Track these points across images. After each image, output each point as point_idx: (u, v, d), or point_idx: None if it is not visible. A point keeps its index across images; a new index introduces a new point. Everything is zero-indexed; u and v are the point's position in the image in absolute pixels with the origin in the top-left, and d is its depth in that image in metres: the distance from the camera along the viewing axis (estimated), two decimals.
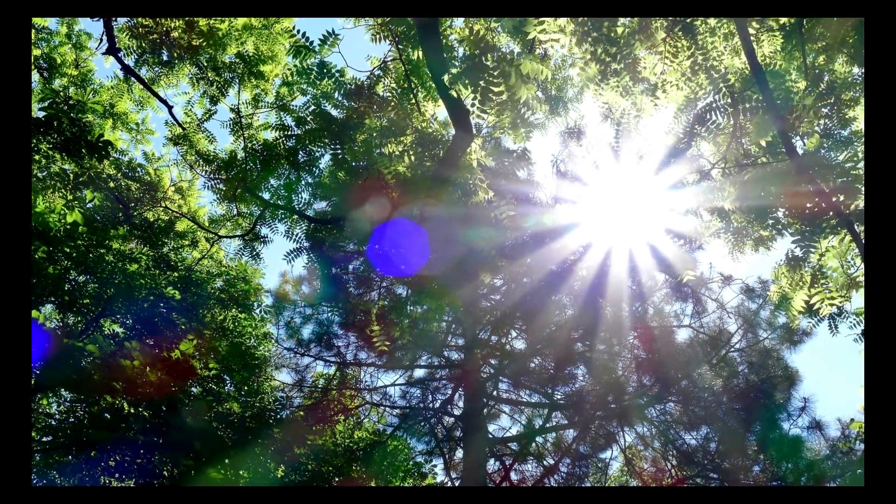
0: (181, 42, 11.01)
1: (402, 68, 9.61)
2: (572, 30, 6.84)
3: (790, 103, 7.45)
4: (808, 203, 6.82)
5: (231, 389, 11.85)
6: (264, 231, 13.46)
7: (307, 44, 8.81)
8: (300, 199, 11.56)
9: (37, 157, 8.83)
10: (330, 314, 14.05)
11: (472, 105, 6.37)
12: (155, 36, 11.17)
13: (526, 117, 6.92)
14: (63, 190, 9.59)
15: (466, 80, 6.21)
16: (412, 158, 9.03)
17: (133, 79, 12.73)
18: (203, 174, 12.37)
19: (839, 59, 8.53)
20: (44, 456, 8.99)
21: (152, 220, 14.86)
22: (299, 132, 10.88)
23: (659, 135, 8.69)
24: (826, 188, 6.60)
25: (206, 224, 15.23)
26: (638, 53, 7.47)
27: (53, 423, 10.12)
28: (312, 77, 9.44)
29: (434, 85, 8.85)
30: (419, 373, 14.69)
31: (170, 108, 12.64)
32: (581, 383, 13.30)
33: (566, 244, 11.53)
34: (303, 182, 11.27)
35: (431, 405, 13.99)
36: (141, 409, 10.16)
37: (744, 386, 12.59)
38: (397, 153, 8.98)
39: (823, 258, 7.74)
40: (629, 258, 11.93)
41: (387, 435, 13.60)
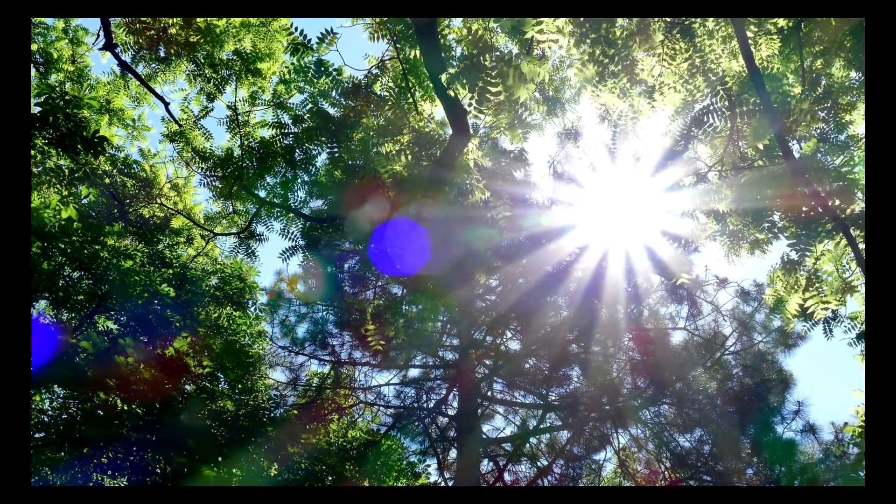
0: (178, 38, 10.98)
1: (400, 67, 9.59)
2: (570, 31, 6.84)
3: (787, 107, 7.46)
4: (805, 207, 6.82)
5: (225, 387, 11.82)
6: (260, 229, 13.46)
7: (305, 42, 8.81)
8: (296, 198, 11.57)
9: (32, 153, 8.80)
10: (325, 313, 14.02)
11: (470, 105, 6.36)
12: (152, 32, 11.13)
13: (523, 118, 6.91)
14: (58, 186, 9.55)
15: (464, 80, 6.19)
16: (409, 158, 9.01)
17: (130, 75, 12.70)
18: (199, 171, 12.36)
19: (836, 63, 8.54)
20: (36, 452, 8.96)
21: (148, 217, 14.83)
22: (296, 130, 10.87)
23: (656, 137, 8.70)
24: (822, 192, 6.61)
25: (202, 221, 15.19)
26: (636, 55, 7.47)
27: (46, 420, 10.08)
28: (310, 75, 9.43)
29: (432, 84, 8.84)
30: (414, 372, 14.67)
31: (166, 105, 12.61)
32: (576, 385, 13.28)
33: (562, 245, 11.52)
34: (299, 180, 11.27)
35: (426, 405, 13.97)
36: (134, 407, 10.13)
37: (738, 389, 12.58)
38: (394, 152, 8.96)
39: (819, 262, 7.75)
40: (625, 260, 11.92)
41: (381, 434, 13.58)
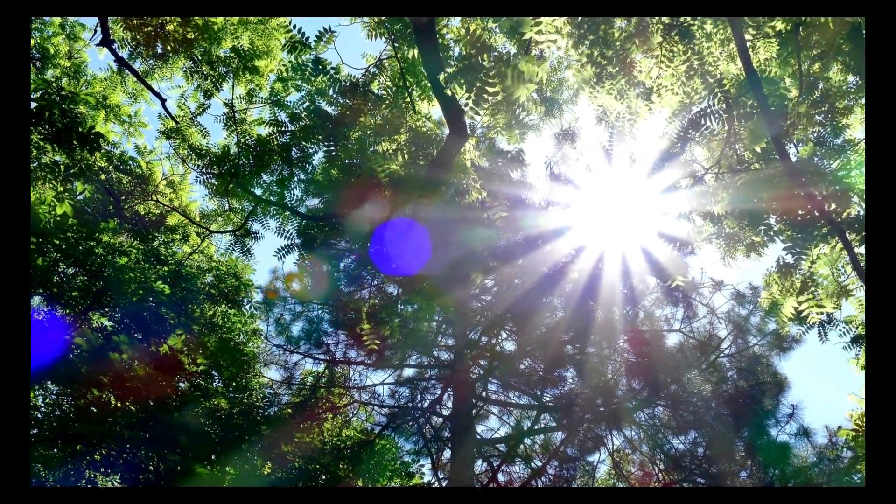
0: (176, 35, 10.95)
1: (398, 66, 9.57)
2: (569, 31, 6.83)
3: (784, 110, 7.46)
4: (801, 210, 6.83)
5: (219, 386, 11.80)
6: (256, 227, 13.43)
7: (303, 39, 8.78)
8: (292, 196, 11.53)
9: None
10: (320, 312, 13.99)
11: (466, 105, 6.34)
12: (150, 29, 11.10)
13: (521, 118, 6.90)
14: (53, 181, 9.51)
15: (462, 80, 6.17)
16: (406, 157, 8.99)
17: (126, 71, 12.66)
18: (195, 168, 12.32)
19: (834, 67, 8.55)
20: (29, 449, 8.92)
21: (143, 214, 14.79)
22: (293, 128, 10.84)
23: (653, 139, 8.69)
24: (818, 195, 6.61)
25: (198, 219, 15.15)
26: (634, 57, 7.46)
27: (39, 416, 10.05)
28: (307, 73, 9.40)
29: (429, 84, 8.82)
30: (408, 372, 14.65)
31: (163, 102, 12.59)
32: (570, 386, 13.28)
33: (559, 247, 11.51)
34: (295, 178, 11.23)
35: (420, 405, 13.95)
36: (128, 404, 10.10)
37: (733, 391, 12.59)
38: (391, 152, 8.94)
39: (814, 265, 7.75)
40: (621, 262, 11.92)
41: (375, 434, 13.55)
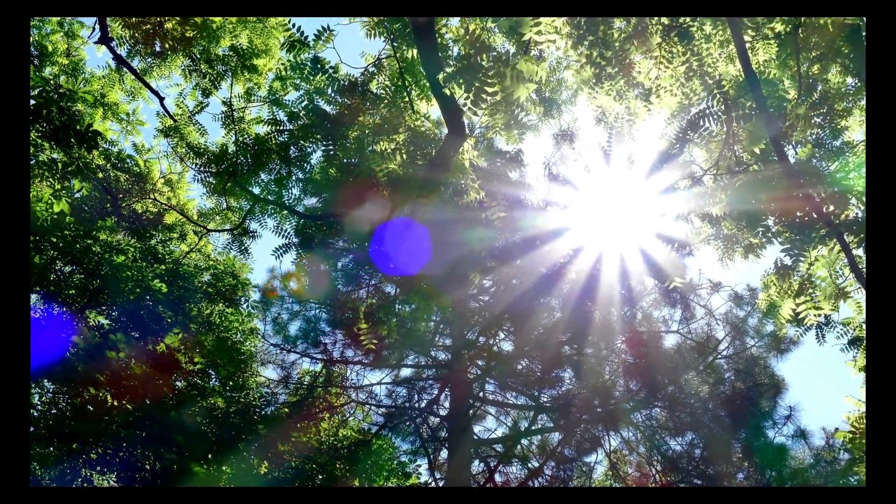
0: (174, 33, 10.93)
1: (397, 66, 9.55)
2: (568, 32, 6.82)
3: (783, 112, 7.46)
4: (799, 212, 6.82)
5: (216, 384, 11.78)
6: (253, 226, 13.40)
7: (302, 38, 8.76)
8: (290, 195, 11.51)
9: None
10: (318, 311, 13.97)
11: (465, 105, 6.33)
12: (148, 27, 11.08)
13: (519, 119, 6.89)
14: (51, 179, 9.49)
15: (460, 80, 6.16)
16: (404, 157, 8.98)
17: (125, 69, 12.63)
18: (193, 167, 12.28)
19: (833, 69, 8.55)
20: None
21: (141, 212, 14.76)
22: (291, 127, 10.81)
23: (652, 140, 8.69)
24: (817, 197, 6.61)
25: (195, 217, 15.13)
26: (633, 58, 7.45)
27: (35, 414, 10.02)
28: (306, 72, 9.38)
29: (428, 83, 8.80)
30: (406, 372, 14.64)
31: (161, 100, 12.55)
32: (568, 386, 13.27)
33: (557, 247, 11.51)
34: (293, 177, 11.21)
35: (417, 405, 13.94)
36: (125, 403, 10.08)
37: (730, 393, 12.59)
38: (389, 151, 8.92)
39: (812, 267, 7.75)
40: (619, 262, 11.92)
41: (372, 434, 13.54)
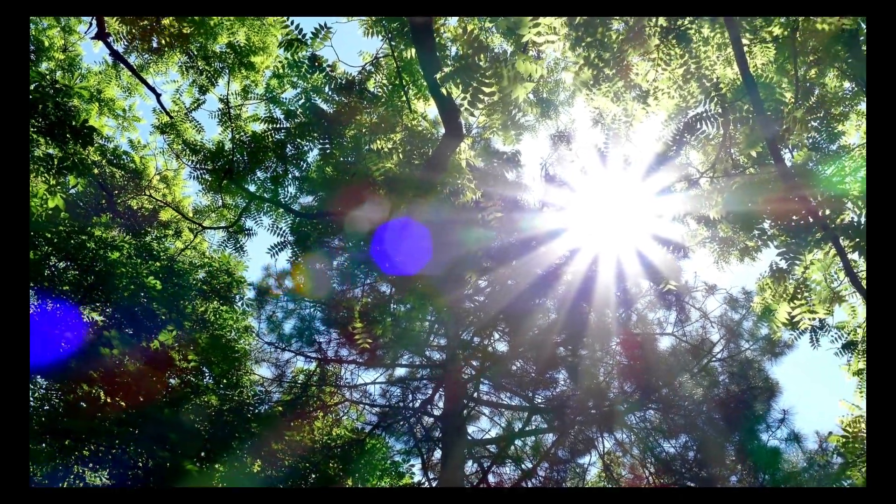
0: (171, 30, 10.89)
1: (394, 64, 9.54)
2: (566, 33, 6.81)
3: (780, 115, 7.46)
4: (795, 215, 6.82)
5: (210, 382, 11.75)
6: (249, 224, 13.38)
7: (299, 36, 8.73)
8: (286, 193, 11.47)
9: None
10: (312, 310, 13.95)
11: (462, 105, 6.31)
12: (145, 22, 11.04)
13: (517, 119, 6.89)
14: (46, 174, 9.45)
15: (458, 80, 6.15)
16: (401, 156, 8.96)
17: (121, 65, 12.59)
18: (189, 164, 12.23)
19: (830, 73, 8.56)
20: None
21: (136, 209, 14.72)
22: (288, 125, 10.78)
23: (649, 142, 8.69)
24: (813, 201, 6.61)
25: (191, 214, 15.10)
26: (631, 59, 7.45)
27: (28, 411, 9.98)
28: (303, 70, 9.36)
29: (425, 83, 8.79)
30: (400, 372, 14.62)
31: (158, 96, 12.52)
32: (562, 388, 13.26)
33: (553, 248, 11.50)
34: (290, 176, 11.17)
35: (411, 405, 13.92)
36: (118, 400, 10.05)
37: (724, 396, 12.59)
38: (386, 150, 8.91)
39: (808, 271, 7.76)
40: (615, 264, 11.91)
41: (365, 433, 13.52)
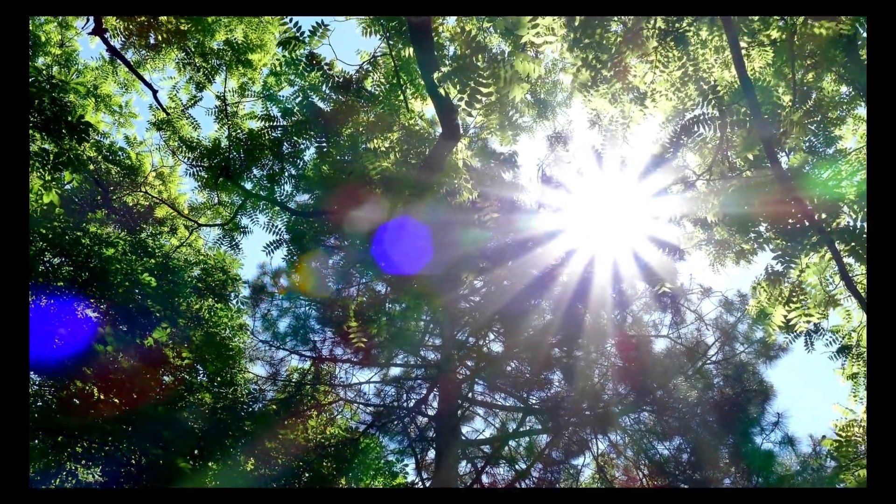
0: (169, 26, 10.86)
1: (392, 63, 9.52)
2: (564, 34, 6.80)
3: (777, 118, 7.47)
4: (791, 219, 6.82)
5: (204, 380, 11.72)
6: (245, 221, 13.35)
7: (297, 34, 8.72)
8: (282, 191, 11.44)
9: None
10: (307, 308, 13.92)
11: (459, 105, 6.30)
12: (143, 18, 11.00)
13: (514, 120, 6.88)
14: (41, 170, 9.41)
15: (456, 80, 6.14)
16: (398, 155, 8.95)
17: (118, 61, 12.55)
18: (185, 161, 12.21)
19: (827, 78, 8.57)
20: None
21: (131, 205, 14.68)
22: (285, 123, 10.76)
23: (646, 143, 8.69)
24: (809, 204, 6.61)
25: (186, 211, 15.05)
26: (629, 61, 7.45)
27: None
28: (301, 68, 9.35)
29: (423, 82, 8.78)
30: (395, 371, 14.61)
31: (154, 93, 12.46)
32: (557, 389, 13.27)
33: (549, 250, 11.49)
34: (286, 174, 11.15)
35: (405, 404, 13.90)
36: (111, 396, 10.02)
37: (718, 398, 12.60)
38: (383, 149, 8.90)
39: (803, 274, 7.77)
40: (611, 266, 11.91)
41: (359, 433, 13.51)
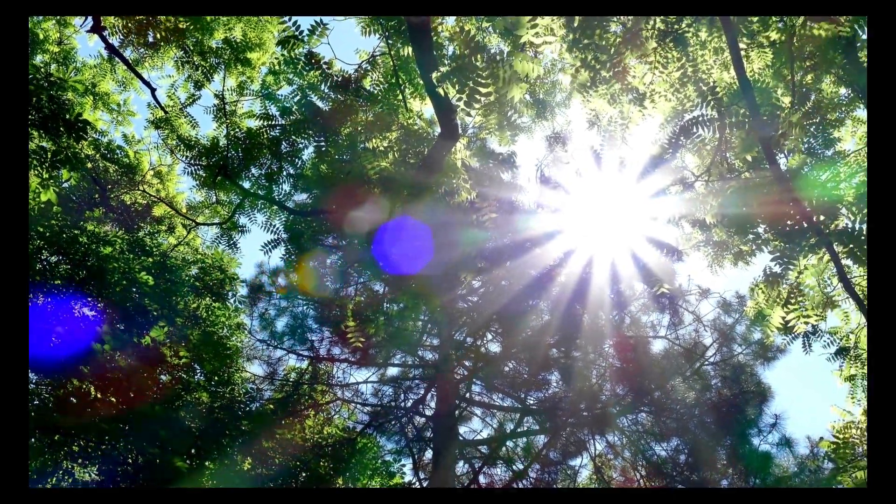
0: (167, 24, 10.84)
1: (391, 63, 9.51)
2: (563, 35, 6.79)
3: (776, 119, 7.46)
4: (789, 220, 6.81)
5: (201, 379, 11.70)
6: (243, 220, 13.32)
7: (296, 33, 8.70)
8: (280, 190, 11.42)
9: None
10: (305, 308, 13.91)
11: (458, 105, 6.29)
12: (141, 17, 10.98)
13: (512, 120, 6.87)
14: (39, 168, 9.39)
15: (454, 80, 6.13)
16: (396, 155, 8.94)
17: (116, 59, 12.52)
18: (183, 159, 12.18)
19: (826, 79, 8.57)
20: None
21: (129, 204, 14.65)
22: (283, 122, 10.74)
23: (644, 144, 8.68)
24: (807, 206, 6.60)
25: (184, 210, 15.02)
26: (628, 62, 7.44)
27: None
28: (300, 67, 9.33)
29: (422, 82, 8.77)
30: (392, 371, 14.61)
31: (153, 91, 12.44)
32: (555, 389, 13.26)
33: (547, 250, 11.49)
34: (284, 173, 11.13)
35: (403, 404, 13.89)
36: (108, 395, 10.00)
37: (716, 399, 12.61)
38: (381, 149, 8.88)
39: (801, 276, 7.76)
40: (609, 266, 11.91)
41: (357, 432, 13.49)
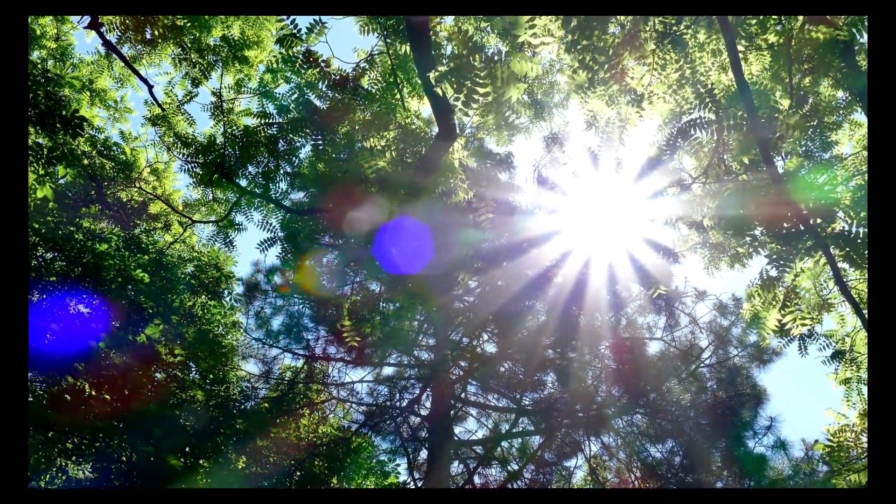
0: (165, 21, 10.81)
1: (389, 62, 9.50)
2: (561, 36, 6.79)
3: (774, 122, 7.46)
4: (786, 223, 6.82)
5: (196, 377, 11.68)
6: (239, 218, 13.31)
7: (294, 31, 8.69)
8: (277, 189, 11.40)
9: None
10: (301, 307, 13.89)
11: (456, 105, 6.28)
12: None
13: (510, 120, 6.88)
14: (35, 164, 9.36)
15: (452, 80, 6.12)
16: (394, 154, 8.92)
17: (114, 55, 12.50)
18: (180, 157, 12.16)
19: (824, 82, 8.57)
20: None
21: (125, 201, 14.62)
22: (281, 120, 10.73)
23: (642, 146, 8.68)
24: (804, 209, 6.61)
25: (181, 208, 14.99)
26: (626, 63, 7.44)
27: None
28: (298, 65, 9.32)
29: (420, 82, 8.76)
30: (388, 371, 14.58)
31: (150, 88, 12.42)
32: (550, 390, 13.25)
33: (544, 251, 11.48)
34: (281, 171, 11.11)
35: (398, 404, 13.87)
36: (103, 393, 9.99)
37: (712, 402, 12.61)
38: (379, 148, 8.87)
39: (798, 279, 7.76)
40: (606, 268, 11.90)
41: (352, 432, 13.47)
